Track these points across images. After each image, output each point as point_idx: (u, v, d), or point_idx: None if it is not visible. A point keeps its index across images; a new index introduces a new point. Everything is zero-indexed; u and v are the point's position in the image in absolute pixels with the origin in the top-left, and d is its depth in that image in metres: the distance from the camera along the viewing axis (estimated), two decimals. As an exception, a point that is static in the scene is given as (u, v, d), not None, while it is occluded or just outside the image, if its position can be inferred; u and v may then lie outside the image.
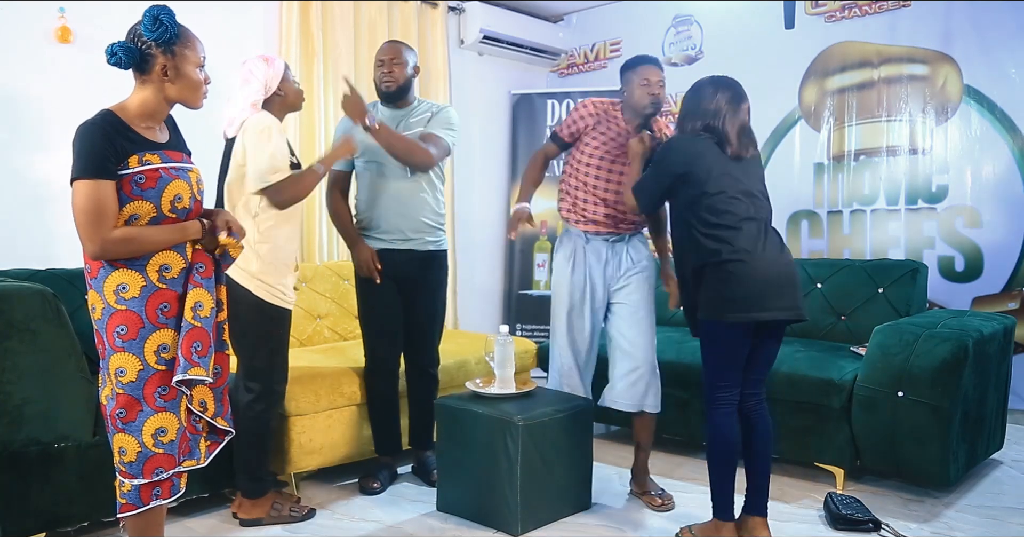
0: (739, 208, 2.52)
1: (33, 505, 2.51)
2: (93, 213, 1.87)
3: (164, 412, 1.97)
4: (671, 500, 3.03)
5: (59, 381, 2.54)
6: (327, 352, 3.62)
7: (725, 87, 2.62)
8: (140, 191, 1.93)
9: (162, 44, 1.98)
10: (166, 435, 1.97)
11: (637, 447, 3.14)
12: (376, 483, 3.23)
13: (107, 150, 1.89)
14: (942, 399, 2.91)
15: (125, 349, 1.93)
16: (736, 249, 2.47)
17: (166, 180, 1.97)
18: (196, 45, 2.06)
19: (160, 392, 1.96)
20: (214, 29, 3.89)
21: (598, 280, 3.04)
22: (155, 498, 1.98)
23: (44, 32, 3.44)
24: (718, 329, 2.52)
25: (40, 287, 2.57)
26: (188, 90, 2.04)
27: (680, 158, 2.58)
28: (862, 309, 3.77)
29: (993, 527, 2.83)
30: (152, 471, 1.97)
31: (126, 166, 1.92)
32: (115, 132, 1.92)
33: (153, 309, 1.95)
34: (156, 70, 2.00)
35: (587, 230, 3.04)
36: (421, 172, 3.15)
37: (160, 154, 1.99)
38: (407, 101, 3.21)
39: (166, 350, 1.97)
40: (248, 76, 2.78)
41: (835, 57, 4.67)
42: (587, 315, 3.05)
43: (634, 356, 3.00)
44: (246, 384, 2.81)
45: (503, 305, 5.56)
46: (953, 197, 4.30)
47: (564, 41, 5.80)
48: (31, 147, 3.42)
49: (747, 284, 2.46)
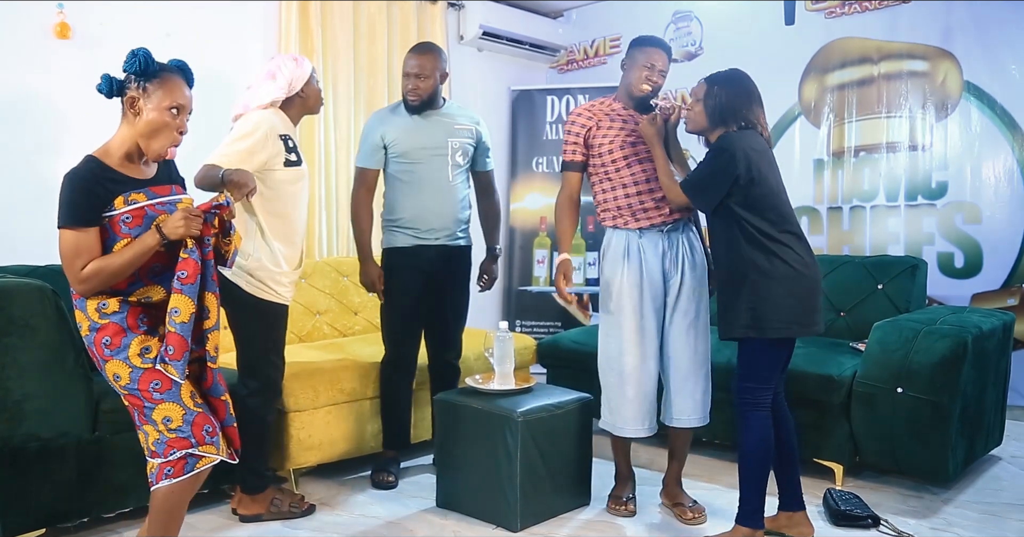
0: (789, 213, 2.53)
1: (33, 501, 2.51)
2: (69, 257, 2.00)
3: (164, 403, 2.05)
4: (703, 513, 2.87)
5: (59, 377, 2.54)
6: (326, 348, 3.61)
7: (747, 80, 2.61)
8: (128, 230, 2.03)
9: (136, 77, 2.05)
10: (172, 422, 2.05)
11: (671, 457, 2.98)
12: (391, 477, 3.24)
13: (87, 202, 2.00)
14: (941, 395, 2.91)
15: (113, 357, 2.04)
16: (802, 257, 2.48)
17: (152, 217, 2.05)
18: (173, 89, 2.07)
19: (154, 386, 2.04)
20: (214, 26, 3.91)
21: (656, 275, 2.82)
22: (166, 476, 2.06)
23: (43, 28, 3.43)
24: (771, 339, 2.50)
25: (39, 283, 2.57)
26: (148, 128, 2.05)
27: (745, 156, 2.46)
28: (862, 305, 3.77)
29: (992, 523, 2.83)
30: (168, 452, 2.06)
31: (112, 208, 2.02)
32: (96, 181, 2.01)
33: (134, 319, 2.07)
34: (127, 107, 2.07)
35: (641, 226, 2.83)
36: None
37: (146, 192, 2.08)
38: (436, 106, 3.25)
39: (149, 351, 2.05)
40: (276, 72, 2.79)
41: (835, 53, 4.66)
42: (653, 315, 2.82)
43: (698, 366, 2.84)
44: (243, 380, 2.81)
45: (503, 301, 5.56)
46: (953, 193, 4.30)
47: (564, 37, 5.78)
48: (30, 143, 3.42)
49: (808, 296, 2.48)
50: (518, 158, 5.52)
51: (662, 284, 2.83)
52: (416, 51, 3.21)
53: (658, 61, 2.84)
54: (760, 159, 2.50)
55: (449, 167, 3.22)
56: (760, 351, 2.52)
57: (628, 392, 2.82)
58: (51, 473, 2.53)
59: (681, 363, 2.84)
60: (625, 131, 2.88)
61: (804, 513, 2.66)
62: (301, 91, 2.83)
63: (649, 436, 2.90)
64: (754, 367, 2.54)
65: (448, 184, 3.22)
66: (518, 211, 5.49)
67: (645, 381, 2.83)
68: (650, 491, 3.10)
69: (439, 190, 3.21)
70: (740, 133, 2.53)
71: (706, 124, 2.62)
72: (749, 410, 2.54)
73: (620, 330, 2.83)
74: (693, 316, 2.84)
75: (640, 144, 2.85)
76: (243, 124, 2.71)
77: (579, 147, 2.92)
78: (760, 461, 2.53)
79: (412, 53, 3.20)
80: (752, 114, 2.57)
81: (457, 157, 3.23)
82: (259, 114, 2.73)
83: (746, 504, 2.54)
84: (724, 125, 2.57)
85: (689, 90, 5.28)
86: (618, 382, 2.84)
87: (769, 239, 2.47)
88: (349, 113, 4.47)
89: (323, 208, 4.40)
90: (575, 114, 2.95)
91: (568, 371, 3.79)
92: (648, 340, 2.82)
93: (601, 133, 2.88)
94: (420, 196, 3.20)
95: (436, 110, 3.25)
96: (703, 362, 2.86)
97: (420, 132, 3.20)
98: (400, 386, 3.30)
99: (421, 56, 3.17)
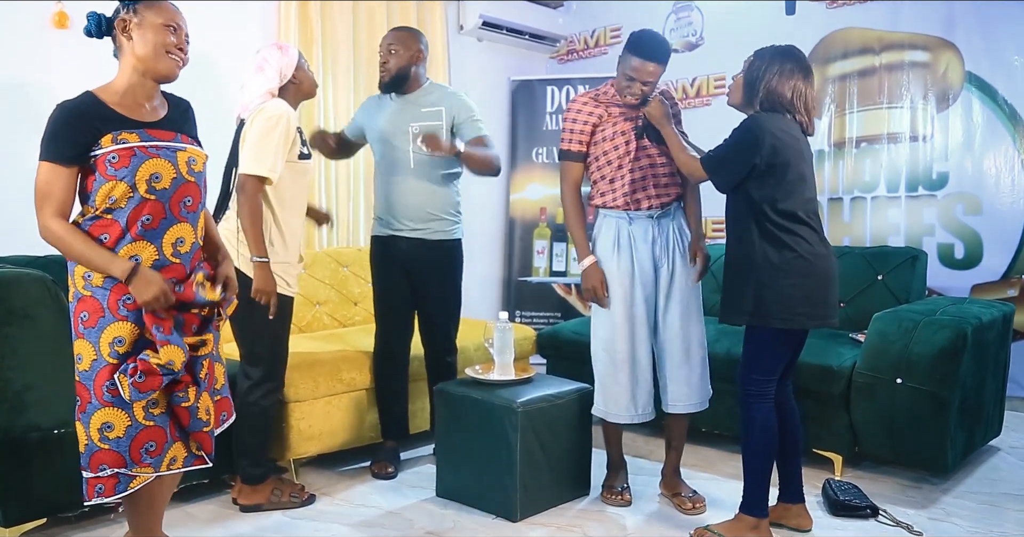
0: (812, 203, 2.47)
1: (34, 491, 2.51)
2: (39, 195, 1.91)
3: (111, 407, 1.90)
4: (703, 503, 2.86)
5: (59, 367, 2.54)
6: (326, 338, 3.62)
7: (797, 60, 2.45)
8: (114, 171, 1.90)
9: (125, 2, 1.97)
10: (112, 431, 1.89)
11: (668, 447, 2.98)
12: (391, 467, 3.24)
13: (69, 136, 1.88)
14: (941, 386, 2.91)
15: (84, 336, 1.92)
16: (814, 249, 2.43)
17: (141, 158, 1.91)
18: (163, 8, 2.00)
19: (108, 387, 1.90)
20: (212, 14, 3.89)
21: (647, 263, 2.82)
22: (97, 495, 1.91)
23: (41, 17, 3.42)
24: (778, 329, 2.46)
25: (40, 274, 2.57)
26: (147, 48, 1.96)
27: (772, 139, 2.38)
28: (861, 296, 3.77)
29: (990, 513, 2.84)
30: (97, 466, 1.91)
31: (99, 146, 1.89)
32: (82, 116, 1.89)
33: (115, 300, 1.92)
34: (120, 33, 1.96)
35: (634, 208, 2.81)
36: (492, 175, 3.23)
37: (140, 132, 1.94)
38: (411, 87, 3.19)
39: (121, 344, 1.90)
40: (263, 63, 2.77)
41: (836, 44, 4.64)
42: (643, 303, 2.82)
43: (692, 352, 2.85)
44: (246, 371, 2.81)
45: (503, 292, 5.57)
46: (953, 184, 4.29)
47: (564, 27, 5.76)
48: (29, 133, 3.35)
49: (820, 288, 2.43)
50: (518, 149, 5.51)
51: (652, 271, 2.84)
52: (392, 30, 3.26)
53: (645, 73, 2.71)
54: (786, 147, 2.40)
55: (410, 153, 3.12)
56: (765, 341, 2.50)
57: (619, 378, 2.83)
58: (52, 463, 2.53)
59: (674, 350, 2.85)
60: (626, 117, 2.84)
61: (803, 505, 2.67)
62: (293, 77, 2.81)
63: (640, 423, 2.90)
64: (758, 357, 2.52)
65: (412, 171, 3.13)
66: (518, 201, 5.48)
67: (636, 368, 2.84)
68: (649, 481, 3.11)
69: (403, 178, 3.15)
70: (771, 116, 2.44)
71: (742, 99, 2.54)
72: (752, 401, 2.52)
73: (611, 317, 2.84)
74: (685, 303, 2.84)
75: (643, 138, 2.82)
76: (263, 120, 2.66)
77: (584, 136, 2.86)
78: (763, 452, 2.52)
79: (388, 33, 3.24)
80: (789, 97, 2.43)
81: (419, 142, 3.02)
82: (273, 105, 2.70)
83: (750, 494, 2.54)
84: (756, 103, 2.48)
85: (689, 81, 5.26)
86: (609, 369, 2.85)
87: (782, 230, 2.41)
88: (349, 105, 4.46)
89: (323, 199, 4.40)
90: (580, 102, 2.88)
91: (568, 361, 3.79)
92: (639, 327, 2.82)
93: (611, 122, 2.84)
94: (387, 184, 3.18)
95: (409, 94, 3.19)
96: (697, 349, 2.87)
97: (383, 117, 3.18)
98: (391, 377, 3.29)
99: (396, 33, 3.21)
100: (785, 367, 2.60)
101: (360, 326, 3.98)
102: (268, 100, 2.73)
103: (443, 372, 3.34)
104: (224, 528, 2.74)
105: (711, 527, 2.61)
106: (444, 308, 3.31)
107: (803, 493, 2.67)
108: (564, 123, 2.91)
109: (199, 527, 2.73)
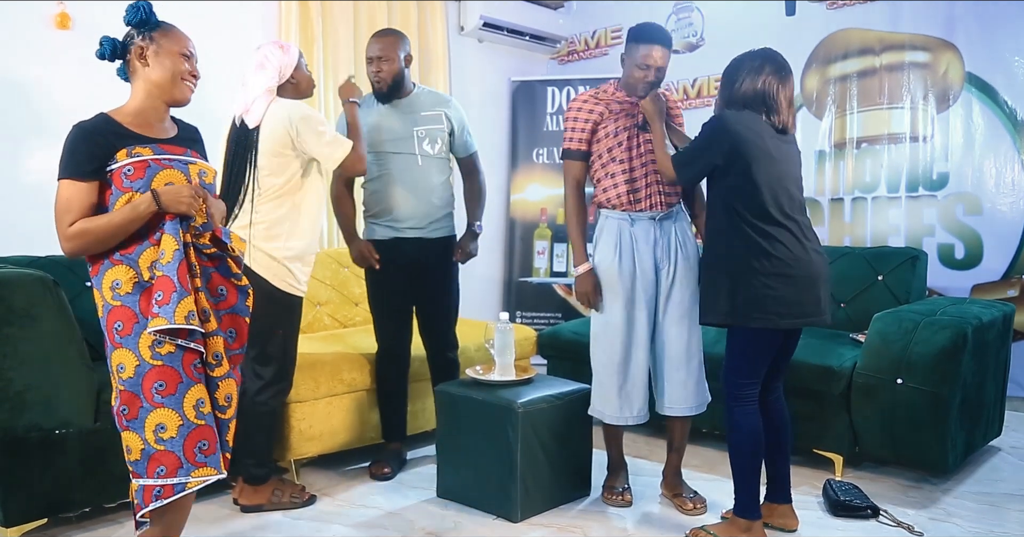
0: (789, 203, 2.43)
1: (35, 491, 2.52)
2: (59, 211, 1.93)
3: (163, 408, 1.91)
4: (703, 504, 2.86)
5: (60, 367, 2.55)
6: (327, 339, 3.62)
7: (769, 59, 2.47)
8: (130, 183, 1.94)
9: (140, 29, 2.02)
10: (166, 432, 1.91)
11: (670, 448, 2.97)
12: (387, 468, 3.24)
13: (86, 151, 1.93)
14: (941, 386, 2.91)
15: (123, 345, 1.93)
16: (790, 250, 2.40)
17: (155, 169, 1.96)
18: (177, 36, 2.07)
19: (157, 388, 1.91)
20: (213, 14, 3.90)
21: (648, 264, 2.81)
22: (155, 499, 1.90)
23: (43, 18, 3.42)
24: (755, 331, 2.45)
25: (40, 273, 2.57)
26: (167, 75, 2.03)
27: (733, 136, 2.40)
28: (862, 296, 3.77)
29: (991, 513, 2.84)
30: (155, 470, 1.91)
31: (114, 161, 1.94)
32: (98, 133, 1.95)
33: (147, 304, 1.93)
34: (135, 59, 2.02)
35: (636, 209, 2.81)
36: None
37: (152, 147, 2.00)
38: (403, 93, 3.20)
39: (160, 345, 1.92)
40: (263, 61, 2.78)
41: (837, 44, 4.64)
42: (644, 305, 2.82)
43: (690, 356, 2.84)
44: (256, 371, 2.81)
45: (503, 292, 5.57)
46: (954, 185, 4.29)
47: (564, 28, 5.76)
48: (30, 133, 3.41)
49: (794, 289, 2.40)
50: (518, 149, 5.51)
51: (654, 273, 2.83)
52: (376, 35, 3.20)
53: (655, 58, 2.74)
54: (748, 145, 2.40)
55: (417, 157, 3.16)
56: (745, 342, 2.49)
57: (617, 380, 2.84)
58: (53, 463, 2.54)
59: (673, 352, 2.84)
60: (627, 114, 2.85)
61: (790, 506, 2.66)
62: (291, 77, 2.82)
63: (636, 425, 2.90)
64: (739, 358, 2.52)
65: (419, 174, 3.16)
66: (518, 202, 5.48)
67: (634, 370, 2.84)
68: (650, 482, 3.11)
69: (410, 182, 3.16)
70: (737, 113, 2.46)
71: (719, 100, 2.58)
72: (733, 404, 2.52)
73: (610, 318, 2.84)
74: (686, 306, 2.84)
75: (645, 132, 2.83)
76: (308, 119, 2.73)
77: (585, 134, 2.87)
78: (747, 455, 2.52)
79: (372, 38, 3.19)
80: (759, 93, 2.44)
81: (424, 146, 3.15)
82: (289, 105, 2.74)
83: (740, 496, 2.54)
84: (727, 103, 2.51)
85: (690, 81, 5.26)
86: (607, 370, 2.85)
87: (755, 230, 2.40)
88: (349, 104, 4.46)
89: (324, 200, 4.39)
90: (580, 101, 2.89)
91: (568, 362, 3.80)
92: (638, 329, 2.82)
93: (612, 119, 2.85)
94: (391, 189, 3.17)
95: (404, 98, 3.19)
96: (696, 352, 2.86)
97: (385, 124, 3.17)
98: (392, 379, 3.30)
99: (382, 39, 3.16)
100: (774, 370, 2.59)
101: (361, 327, 3.98)
102: (268, 99, 2.74)
103: (447, 367, 3.35)
104: (224, 528, 2.75)
105: (707, 528, 2.62)
106: (444, 304, 3.33)
107: (790, 493, 2.66)
108: (565, 122, 2.92)
109: (199, 527, 2.73)
